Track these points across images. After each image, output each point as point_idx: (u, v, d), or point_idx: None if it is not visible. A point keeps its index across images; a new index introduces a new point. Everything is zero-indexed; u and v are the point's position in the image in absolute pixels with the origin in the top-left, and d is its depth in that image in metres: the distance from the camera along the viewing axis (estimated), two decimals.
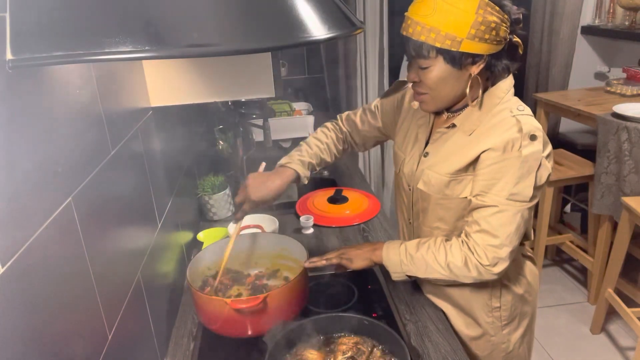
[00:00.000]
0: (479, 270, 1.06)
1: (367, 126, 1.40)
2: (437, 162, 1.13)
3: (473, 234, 1.06)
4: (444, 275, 1.09)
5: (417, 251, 1.12)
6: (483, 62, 1.02)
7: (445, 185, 1.11)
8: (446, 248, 1.09)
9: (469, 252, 1.06)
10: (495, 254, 1.04)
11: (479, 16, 0.96)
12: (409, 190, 1.22)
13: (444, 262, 1.08)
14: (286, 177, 1.26)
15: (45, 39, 0.50)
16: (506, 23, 1.00)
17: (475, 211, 1.06)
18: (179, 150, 1.54)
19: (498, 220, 1.03)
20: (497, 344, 1.23)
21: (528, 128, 1.01)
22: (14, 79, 0.59)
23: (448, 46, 0.98)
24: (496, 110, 1.07)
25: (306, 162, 1.30)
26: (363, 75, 2.82)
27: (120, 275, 0.93)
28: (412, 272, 1.13)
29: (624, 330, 2.51)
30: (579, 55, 3.10)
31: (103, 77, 0.90)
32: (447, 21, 0.97)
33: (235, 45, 0.52)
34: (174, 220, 1.35)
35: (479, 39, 0.98)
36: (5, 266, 0.55)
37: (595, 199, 2.41)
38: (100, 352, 0.79)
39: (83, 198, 0.75)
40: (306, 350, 1.04)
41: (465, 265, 1.06)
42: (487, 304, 1.20)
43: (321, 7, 0.56)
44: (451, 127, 1.13)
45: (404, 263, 1.13)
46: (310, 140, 1.38)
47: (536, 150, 1.01)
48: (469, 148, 1.07)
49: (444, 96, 1.08)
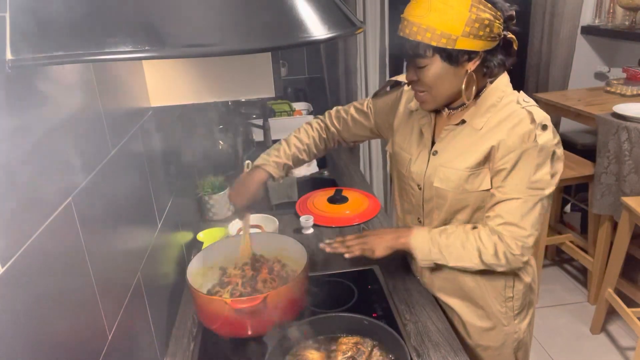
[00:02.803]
0: (508, 259, 1.10)
1: (359, 126, 1.41)
2: (450, 158, 1.14)
3: (497, 227, 1.09)
4: (475, 264, 1.13)
5: (447, 239, 1.14)
6: (479, 59, 1.05)
7: (464, 180, 1.13)
8: (476, 238, 1.12)
9: (499, 242, 1.10)
10: (524, 243, 1.09)
11: (472, 14, 0.99)
12: (419, 189, 1.22)
13: (475, 251, 1.11)
14: (259, 179, 1.31)
15: (45, 39, 0.50)
16: (499, 20, 1.03)
17: (497, 205, 1.09)
18: (179, 150, 1.54)
19: (521, 211, 1.07)
20: (510, 334, 1.25)
21: (540, 118, 1.06)
22: (14, 79, 0.59)
23: (444, 44, 1.01)
24: (502, 103, 1.10)
25: (281, 164, 1.33)
26: (363, 75, 2.82)
27: (120, 275, 0.93)
28: (441, 261, 1.16)
29: (624, 330, 2.51)
30: (579, 55, 3.10)
31: (103, 77, 0.90)
32: (442, 20, 0.99)
33: (235, 45, 0.52)
34: (174, 220, 1.35)
35: (473, 36, 1.00)
36: (5, 266, 0.55)
37: (595, 199, 2.41)
38: (100, 352, 0.79)
39: (83, 198, 0.75)
40: (306, 350, 1.04)
41: (496, 255, 1.10)
42: (501, 294, 1.22)
43: (321, 7, 0.56)
44: (460, 124, 1.14)
45: (433, 251, 1.15)
46: (290, 140, 1.39)
47: (549, 138, 1.06)
48: (481, 142, 1.10)
49: (442, 93, 1.11)
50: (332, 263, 1.44)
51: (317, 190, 1.94)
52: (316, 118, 1.47)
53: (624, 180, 2.25)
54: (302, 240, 1.30)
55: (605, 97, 2.73)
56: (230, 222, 1.65)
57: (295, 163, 1.37)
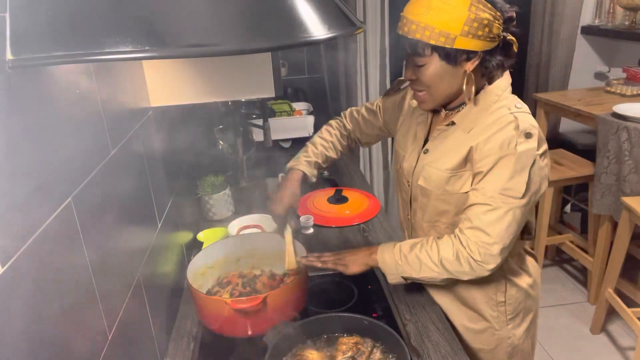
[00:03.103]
0: (470, 265, 1.07)
1: (369, 125, 1.44)
2: (437, 158, 1.15)
3: (466, 230, 1.08)
4: (437, 272, 1.10)
5: (410, 251, 1.13)
6: (477, 59, 1.05)
7: (445, 182, 1.13)
8: (438, 244, 1.10)
9: (460, 246, 1.07)
10: (487, 250, 1.05)
11: (471, 13, 0.99)
12: (408, 186, 1.24)
13: (436, 258, 1.09)
14: (295, 180, 1.31)
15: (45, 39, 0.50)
16: (499, 20, 1.02)
17: (469, 208, 1.08)
18: (179, 150, 1.54)
19: (489, 217, 1.05)
20: (503, 338, 1.24)
21: (524, 126, 1.04)
22: (14, 79, 0.59)
23: (442, 43, 1.01)
24: (494, 107, 1.09)
25: (312, 162, 1.35)
26: (363, 75, 2.82)
27: (120, 275, 0.93)
28: (407, 273, 1.14)
29: (624, 330, 2.51)
30: (579, 55, 3.10)
31: (103, 77, 0.90)
32: (441, 19, 0.99)
33: (235, 45, 0.52)
34: (174, 220, 1.35)
35: (472, 35, 1.00)
36: (5, 266, 0.55)
37: (595, 199, 2.41)
38: (100, 352, 0.79)
39: (83, 198, 0.75)
40: (306, 350, 1.04)
41: (457, 260, 1.07)
42: (492, 299, 1.20)
43: (321, 7, 0.56)
44: (450, 125, 1.14)
45: (399, 264, 1.13)
46: (315, 140, 1.42)
47: (531, 147, 1.03)
48: (467, 145, 1.10)
49: (440, 93, 1.10)
50: None
51: (317, 190, 1.94)
52: (335, 118, 1.50)
53: (624, 180, 2.25)
54: (302, 240, 1.30)
55: (605, 97, 2.73)
56: (230, 222, 1.65)
57: (324, 161, 1.39)
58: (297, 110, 2.62)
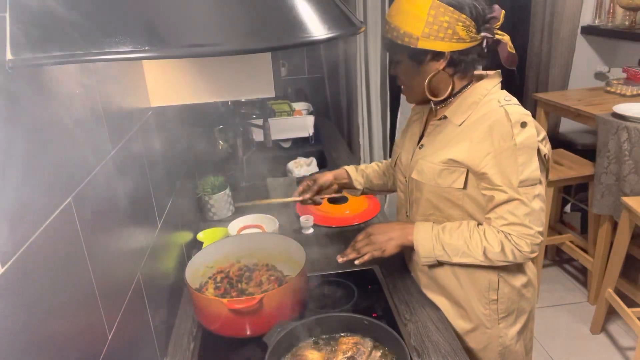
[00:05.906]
0: (515, 255, 1.12)
1: None
2: (431, 152, 1.19)
3: (503, 228, 1.11)
4: (479, 261, 1.14)
5: (450, 237, 1.15)
6: (445, 59, 1.10)
7: (437, 174, 1.15)
8: (481, 236, 1.13)
9: (505, 240, 1.11)
10: (533, 240, 1.10)
11: (429, 17, 1.05)
12: (405, 181, 1.27)
13: (480, 249, 1.12)
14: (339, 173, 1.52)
15: (45, 39, 0.50)
16: (465, 22, 1.06)
17: (498, 207, 1.11)
18: (179, 150, 1.54)
19: (522, 211, 1.09)
20: (493, 337, 1.23)
21: (516, 117, 1.07)
22: (14, 79, 0.59)
23: (407, 43, 1.09)
24: (484, 101, 1.14)
25: (360, 169, 1.53)
26: (363, 75, 2.82)
27: (120, 275, 0.93)
28: (443, 258, 1.17)
29: (624, 330, 2.51)
30: (579, 55, 3.10)
31: (103, 77, 0.90)
32: (405, 21, 1.08)
33: (235, 45, 0.52)
34: (174, 220, 1.35)
35: (434, 37, 1.06)
36: (5, 266, 0.55)
37: (595, 199, 2.41)
38: (100, 352, 0.79)
39: (83, 198, 0.75)
40: (306, 350, 1.04)
41: (502, 252, 1.11)
42: (484, 296, 1.21)
43: (321, 7, 0.56)
44: (443, 119, 1.19)
45: (437, 249, 1.17)
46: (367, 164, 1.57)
47: (530, 135, 1.07)
48: (459, 138, 1.14)
49: (415, 88, 1.18)
50: (332, 263, 1.44)
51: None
52: None
53: (624, 180, 2.25)
54: (302, 240, 1.30)
55: (605, 97, 2.73)
56: (230, 222, 1.65)
57: (371, 177, 1.51)
58: (297, 110, 2.62)
